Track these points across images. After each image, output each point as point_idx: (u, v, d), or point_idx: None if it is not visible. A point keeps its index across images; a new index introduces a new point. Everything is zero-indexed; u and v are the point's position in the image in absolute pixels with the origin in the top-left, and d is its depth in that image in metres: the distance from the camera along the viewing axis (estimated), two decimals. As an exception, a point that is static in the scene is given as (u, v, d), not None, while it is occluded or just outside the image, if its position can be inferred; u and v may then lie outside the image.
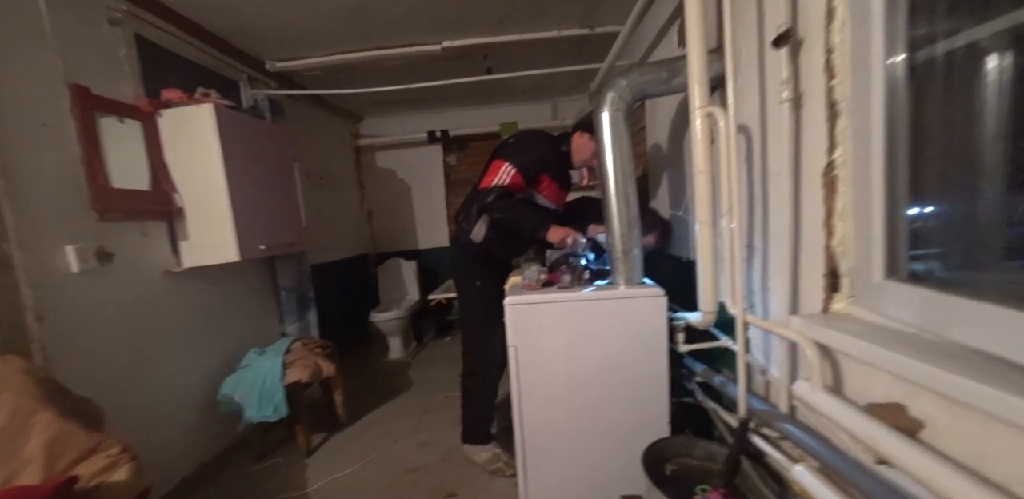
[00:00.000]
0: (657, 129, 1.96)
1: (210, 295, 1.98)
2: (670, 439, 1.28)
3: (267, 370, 1.87)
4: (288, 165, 2.29)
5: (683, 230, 1.68)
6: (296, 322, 2.47)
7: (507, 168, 1.51)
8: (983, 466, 0.60)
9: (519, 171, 1.52)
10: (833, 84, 0.86)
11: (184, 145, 1.74)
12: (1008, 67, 0.59)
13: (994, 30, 0.61)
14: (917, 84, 0.73)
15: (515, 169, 1.51)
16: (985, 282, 0.68)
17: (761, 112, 1.09)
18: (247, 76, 2.36)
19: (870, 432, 0.74)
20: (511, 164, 1.51)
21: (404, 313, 3.21)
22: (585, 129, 1.61)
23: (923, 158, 0.74)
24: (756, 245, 1.17)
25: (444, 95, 3.23)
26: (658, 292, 1.33)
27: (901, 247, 0.78)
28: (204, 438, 1.87)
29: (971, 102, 0.65)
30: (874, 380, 0.79)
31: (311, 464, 1.90)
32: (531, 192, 1.61)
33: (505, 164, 1.52)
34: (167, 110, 1.72)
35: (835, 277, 0.92)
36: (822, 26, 0.86)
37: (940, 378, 0.60)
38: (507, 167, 1.51)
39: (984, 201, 0.68)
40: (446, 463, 1.82)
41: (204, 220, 1.77)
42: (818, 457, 0.89)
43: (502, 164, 1.53)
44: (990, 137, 0.63)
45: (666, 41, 1.77)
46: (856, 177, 0.84)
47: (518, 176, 1.52)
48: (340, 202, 3.42)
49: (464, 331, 1.81)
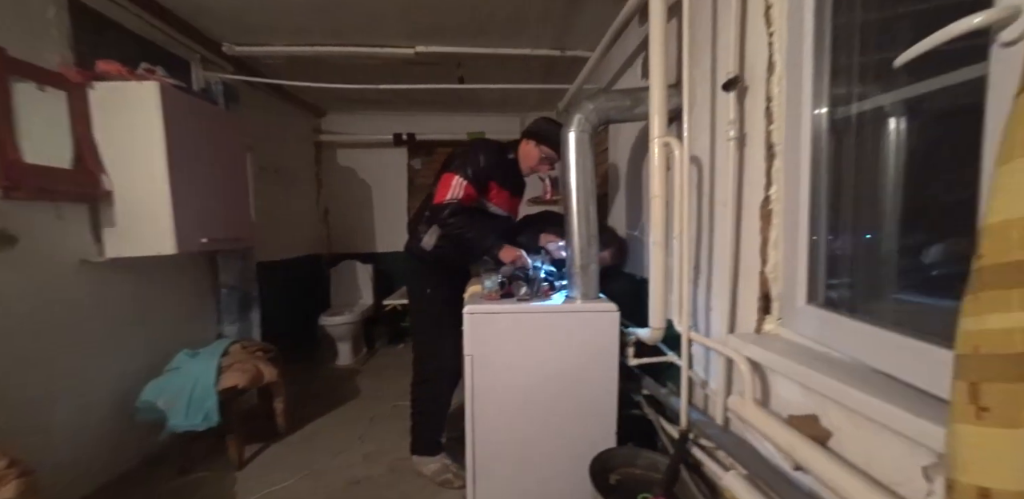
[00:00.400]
0: (618, 153, 2.07)
1: (136, 290, 1.81)
2: (616, 450, 1.33)
3: (199, 374, 1.74)
4: (240, 155, 2.18)
5: (639, 249, 1.78)
6: (236, 323, 2.31)
7: (458, 181, 1.54)
8: (872, 468, 0.69)
9: (469, 182, 1.55)
10: (771, 128, 0.97)
11: (119, 123, 1.59)
12: (903, 130, 0.71)
13: (894, 99, 0.73)
14: (837, 136, 0.85)
15: (466, 181, 1.54)
16: (881, 310, 0.78)
17: (711, 146, 1.20)
18: (200, 57, 2.21)
19: (789, 441, 0.82)
20: (461, 176, 1.54)
21: (356, 318, 3.10)
22: (531, 137, 1.65)
23: (839, 199, 0.85)
24: (702, 267, 1.27)
25: (414, 98, 3.21)
26: (612, 307, 1.39)
27: (820, 276, 0.88)
28: (117, 450, 1.70)
29: (876, 156, 0.77)
30: (794, 394, 0.88)
31: (242, 478, 1.76)
32: (482, 201, 1.64)
33: (456, 177, 1.55)
34: (101, 83, 1.57)
35: (767, 300, 1.02)
36: (764, 77, 0.97)
37: (844, 392, 0.69)
38: (458, 180, 1.54)
39: (883, 240, 0.79)
40: (392, 475, 1.77)
41: (136, 207, 1.62)
42: (746, 465, 0.97)
43: (453, 177, 1.55)
44: (889, 187, 0.75)
45: (631, 71, 1.89)
46: (787, 212, 0.94)
47: (470, 187, 1.55)
48: (295, 198, 3.28)
49: (415, 339, 1.79)
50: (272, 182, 2.92)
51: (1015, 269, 0.37)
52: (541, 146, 1.62)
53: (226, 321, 2.30)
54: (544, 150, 1.63)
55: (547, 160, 1.65)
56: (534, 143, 1.63)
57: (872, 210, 0.81)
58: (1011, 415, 0.37)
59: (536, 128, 1.64)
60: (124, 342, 1.75)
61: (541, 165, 1.66)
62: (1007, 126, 0.38)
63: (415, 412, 1.75)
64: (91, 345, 1.61)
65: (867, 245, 0.84)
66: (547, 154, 1.63)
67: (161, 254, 1.64)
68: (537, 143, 1.62)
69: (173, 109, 1.64)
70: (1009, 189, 0.37)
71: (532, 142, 1.63)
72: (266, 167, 2.83)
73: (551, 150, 1.61)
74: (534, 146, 1.63)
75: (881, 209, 0.78)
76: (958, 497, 0.40)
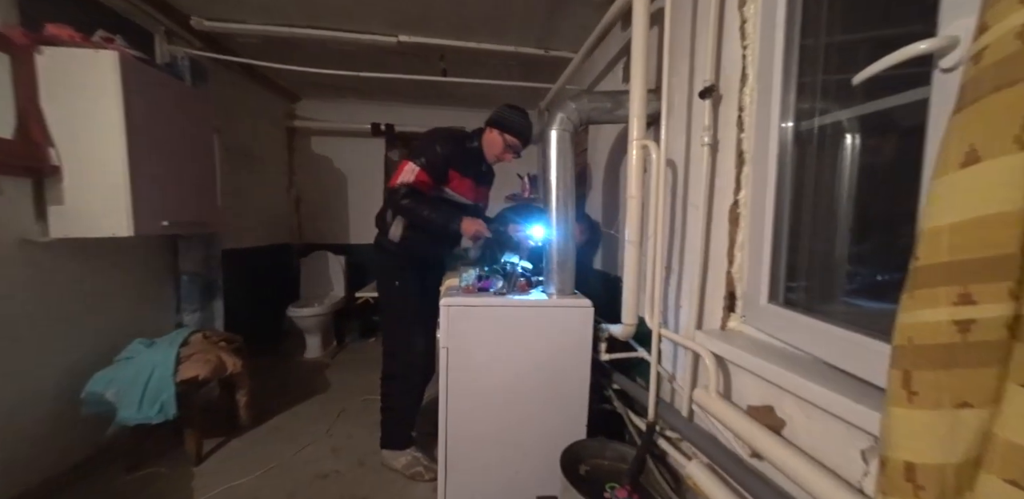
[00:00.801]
0: (598, 153, 2.12)
1: (85, 273, 1.70)
2: (586, 442, 1.37)
3: (155, 363, 1.65)
4: (207, 136, 2.08)
5: (614, 248, 1.83)
6: (197, 312, 2.21)
7: (411, 167, 1.52)
8: (819, 453, 0.76)
9: (423, 169, 1.52)
10: (742, 137, 1.03)
11: (71, 93, 1.49)
12: (858, 145, 0.77)
13: (851, 115, 0.79)
14: (800, 147, 0.91)
15: (419, 167, 1.52)
16: (833, 310, 0.85)
17: (687, 151, 1.25)
18: (165, 29, 2.09)
19: (747, 430, 0.88)
20: (414, 163, 1.52)
21: (326, 310, 3.04)
22: (494, 125, 1.61)
23: (800, 206, 0.92)
24: (674, 266, 1.32)
25: (394, 89, 3.16)
26: (587, 303, 1.43)
27: (781, 277, 0.95)
28: (60, 445, 1.59)
29: (833, 168, 0.83)
30: (753, 386, 0.94)
31: (200, 473, 1.70)
32: (442, 189, 1.62)
33: (410, 163, 1.53)
34: (51, 48, 1.46)
35: (733, 299, 1.08)
36: (737, 88, 1.02)
37: (796, 383, 0.75)
38: (411, 166, 1.52)
39: (837, 246, 0.86)
40: (361, 468, 1.76)
41: (90, 184, 1.51)
42: (708, 454, 1.03)
43: (407, 163, 1.54)
44: (843, 198, 0.81)
45: (612, 75, 1.94)
46: (753, 216, 1.00)
47: (423, 174, 1.52)
48: (265, 184, 3.17)
49: (384, 333, 1.77)
50: (241, 166, 2.81)
51: (943, 270, 0.42)
52: (504, 135, 1.59)
53: (186, 310, 2.20)
54: (507, 138, 1.60)
55: (511, 149, 1.63)
56: (497, 131, 1.60)
57: (828, 218, 0.88)
58: (935, 398, 0.42)
59: (499, 116, 1.61)
60: (70, 330, 1.64)
61: (505, 153, 1.63)
62: (943, 143, 0.43)
63: (384, 407, 1.73)
64: (31, 332, 1.49)
65: (823, 249, 0.90)
66: (510, 142, 1.61)
67: (116, 236, 1.55)
68: (500, 131, 1.60)
69: (134, 82, 1.54)
70: (942, 199, 0.42)
71: (495, 130, 1.60)
72: (234, 150, 2.72)
73: (515, 138, 1.60)
74: (497, 134, 1.60)
75: (837, 217, 0.85)
76: (888, 472, 0.45)
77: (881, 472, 0.47)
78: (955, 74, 0.53)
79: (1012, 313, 0.38)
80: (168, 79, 1.84)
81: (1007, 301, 0.38)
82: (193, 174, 1.96)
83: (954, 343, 0.41)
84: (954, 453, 0.41)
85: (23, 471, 1.47)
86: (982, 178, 0.39)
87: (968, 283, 0.40)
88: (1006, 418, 0.38)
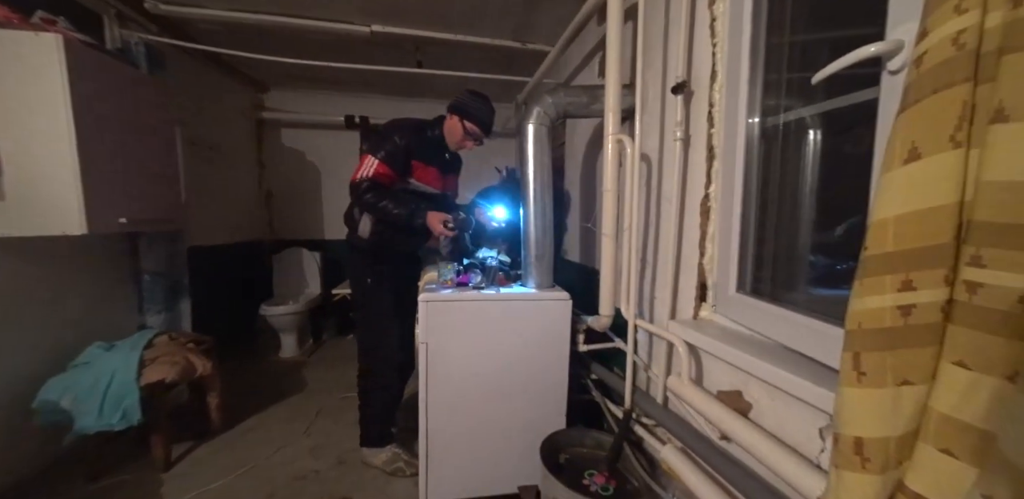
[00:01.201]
0: (575, 147, 2.14)
1: (34, 274, 1.60)
2: (564, 431, 1.41)
3: (115, 368, 1.58)
4: (167, 127, 1.99)
5: (591, 241, 1.86)
6: (162, 312, 2.13)
7: (370, 160, 1.50)
8: (782, 433, 0.80)
9: (382, 161, 1.50)
10: (712, 132, 1.06)
11: (10, 80, 1.38)
12: (819, 141, 0.81)
13: (811, 112, 0.83)
14: (766, 142, 0.95)
15: (377, 160, 1.49)
16: (795, 298, 0.90)
17: (660, 146, 1.28)
18: (116, 12, 1.96)
19: (717, 414, 0.92)
20: (374, 156, 1.50)
21: (301, 307, 2.97)
22: (455, 112, 1.58)
23: (766, 200, 0.96)
24: (648, 259, 1.36)
25: (368, 80, 3.08)
26: (564, 296, 1.46)
27: (748, 267, 0.99)
28: (6, 460, 1.50)
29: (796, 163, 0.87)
30: (723, 372, 0.99)
31: (169, 479, 1.64)
32: (407, 180, 1.59)
33: (369, 157, 1.51)
34: None
35: (704, 289, 1.12)
36: (707, 84, 1.05)
37: (761, 368, 0.79)
38: (370, 160, 1.50)
39: (800, 237, 0.90)
40: (341, 467, 1.74)
41: (34, 179, 1.42)
42: (681, 438, 1.07)
43: (367, 157, 1.52)
44: (806, 191, 0.85)
45: (588, 69, 1.95)
46: (723, 208, 1.04)
47: (383, 166, 1.50)
48: (233, 179, 3.05)
49: (359, 331, 1.75)
50: (205, 160, 2.69)
51: (888, 259, 0.45)
52: (464, 122, 1.56)
53: (150, 311, 2.11)
54: (468, 126, 1.56)
55: (471, 136, 1.59)
56: (458, 118, 1.57)
57: (792, 210, 0.92)
58: (880, 377, 0.45)
59: (460, 103, 1.57)
60: (18, 334, 1.55)
61: (465, 141, 1.60)
62: (889, 140, 0.46)
63: (362, 404, 1.72)
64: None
65: (788, 240, 0.95)
66: (470, 130, 1.57)
67: (68, 234, 1.46)
68: (461, 118, 1.56)
69: (81, 68, 1.45)
70: (888, 192, 0.45)
71: (456, 117, 1.57)
72: (199, 143, 2.61)
73: (475, 126, 1.56)
74: (458, 121, 1.57)
75: (800, 210, 0.89)
76: (840, 447, 0.49)
77: (835, 447, 0.50)
78: (901, 76, 0.56)
79: (947, 298, 0.42)
80: (120, 66, 1.73)
81: (942, 287, 0.42)
82: (153, 168, 1.87)
83: (897, 326, 0.44)
84: (896, 427, 0.44)
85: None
86: (922, 174, 0.43)
87: (910, 270, 0.43)
88: (940, 393, 0.42)
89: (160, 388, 1.65)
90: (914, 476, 0.43)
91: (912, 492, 0.43)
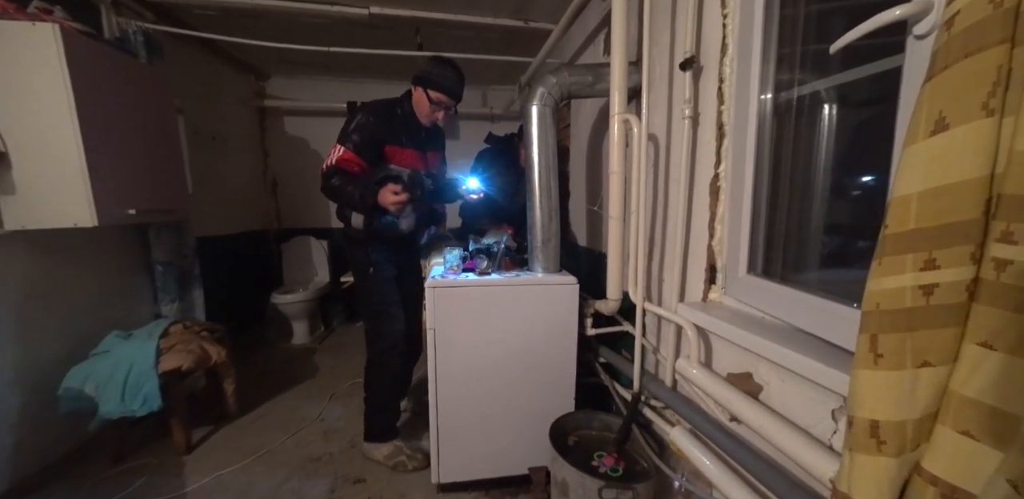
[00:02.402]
0: (580, 129, 2.09)
1: (49, 267, 1.63)
2: (573, 414, 1.42)
3: (134, 356, 1.63)
4: (169, 117, 1.98)
5: (598, 224, 1.84)
6: (175, 302, 2.17)
7: (337, 148, 1.48)
8: (792, 414, 0.80)
9: (349, 149, 1.46)
10: (722, 109, 1.02)
11: (7, 72, 1.37)
12: (835, 116, 0.77)
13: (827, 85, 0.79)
14: (779, 119, 0.91)
15: (343, 148, 1.47)
16: (808, 279, 0.88)
17: (668, 125, 1.24)
18: (111, 0, 1.93)
19: (727, 396, 0.92)
20: (340, 144, 1.48)
21: (311, 295, 3.01)
22: (417, 83, 1.51)
23: (778, 178, 0.93)
24: (656, 241, 1.34)
25: (369, 65, 3.03)
26: (572, 280, 1.45)
27: (759, 248, 0.97)
28: (35, 443, 1.56)
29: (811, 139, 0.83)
30: (733, 355, 0.98)
31: (190, 462, 1.70)
32: (387, 167, 1.54)
33: (336, 145, 1.49)
34: None
35: (713, 271, 1.10)
36: (717, 59, 1.01)
37: (773, 350, 0.78)
38: (337, 148, 1.48)
39: (814, 216, 0.88)
40: (354, 450, 1.78)
41: (43, 172, 1.42)
42: (690, 420, 1.07)
43: (334, 146, 1.49)
44: (820, 168, 0.82)
45: (593, 47, 1.88)
46: (733, 189, 1.01)
47: (349, 153, 1.46)
48: (237, 168, 3.05)
49: (364, 322, 1.73)
50: (208, 149, 2.68)
51: (910, 237, 0.43)
52: (429, 91, 1.48)
53: (164, 300, 2.15)
54: (432, 95, 1.49)
55: (438, 105, 1.51)
56: (421, 89, 1.49)
57: (806, 187, 0.89)
58: (898, 359, 0.44)
59: (423, 72, 1.49)
60: (35, 326, 1.58)
61: (435, 112, 1.53)
62: (914, 111, 0.43)
63: (367, 397, 1.70)
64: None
65: (800, 220, 0.92)
66: (436, 99, 1.49)
67: (79, 226, 1.47)
68: (424, 89, 1.49)
69: (80, 59, 1.43)
70: (911, 167, 0.43)
71: (419, 89, 1.50)
72: (201, 132, 2.59)
73: (440, 94, 1.49)
74: (422, 92, 1.50)
75: (813, 190, 0.86)
76: (855, 430, 0.48)
77: (848, 430, 0.50)
78: (928, 41, 0.52)
79: (972, 276, 0.40)
80: (120, 55, 1.71)
81: (968, 265, 0.40)
82: (158, 158, 1.87)
83: (918, 307, 0.42)
84: (914, 409, 0.43)
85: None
86: (950, 145, 0.40)
87: (933, 249, 0.41)
88: (962, 375, 0.40)
89: (177, 376, 1.70)
90: (932, 458, 0.42)
91: (929, 474, 0.42)
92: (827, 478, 0.66)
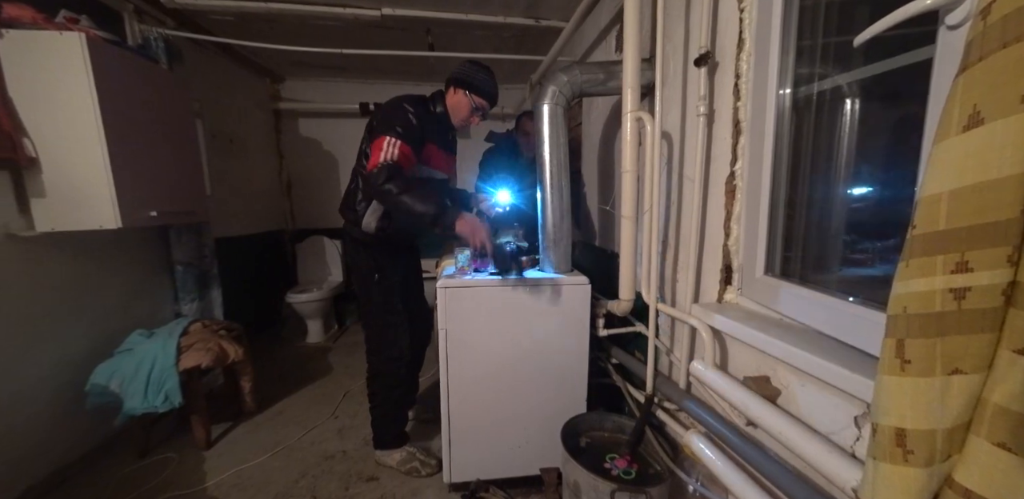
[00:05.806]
0: (592, 127, 2.06)
1: (76, 267, 1.68)
2: (585, 415, 1.41)
3: (156, 354, 1.67)
4: (188, 121, 2.02)
5: (610, 224, 1.82)
6: (195, 301, 2.22)
7: (390, 141, 1.30)
8: (813, 420, 0.77)
9: (405, 142, 1.31)
10: (739, 105, 0.99)
11: (38, 80, 1.41)
12: (857, 111, 0.74)
13: (850, 79, 0.76)
14: (798, 115, 0.88)
15: (399, 140, 1.30)
16: (828, 280, 0.85)
17: (682, 122, 1.22)
18: (133, 7, 1.97)
19: (743, 400, 0.89)
20: (393, 137, 1.30)
21: (326, 294, 3.05)
22: (460, 85, 1.44)
23: (796, 176, 0.90)
24: (669, 241, 1.32)
25: (380, 66, 3.05)
26: (584, 280, 1.43)
27: (777, 248, 0.94)
28: (64, 437, 1.61)
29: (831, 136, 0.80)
30: (750, 357, 0.96)
31: (210, 457, 1.75)
32: (421, 166, 1.45)
33: (387, 138, 1.30)
34: (10, 31, 1.38)
35: (729, 272, 1.07)
36: (733, 54, 0.98)
37: (792, 353, 0.75)
38: (390, 141, 1.30)
39: (834, 215, 0.85)
40: (367, 447, 1.80)
41: (70, 176, 1.47)
42: (704, 423, 1.05)
43: (384, 139, 1.31)
44: (842, 166, 0.79)
45: (604, 45, 1.86)
46: (750, 187, 0.99)
47: (406, 147, 1.32)
48: (253, 170, 3.10)
49: (366, 331, 1.62)
50: (226, 152, 2.74)
51: (940, 237, 0.41)
52: (473, 96, 1.43)
53: (184, 299, 2.20)
54: (476, 100, 1.44)
55: (478, 111, 1.47)
56: (463, 92, 1.44)
57: (826, 186, 0.86)
58: (927, 366, 0.42)
59: (464, 75, 1.43)
60: (63, 324, 1.63)
61: (473, 116, 1.49)
62: (946, 105, 0.41)
63: (373, 407, 1.64)
64: (22, 328, 1.48)
65: (820, 219, 0.89)
66: (479, 104, 1.45)
67: (103, 228, 1.52)
68: (468, 92, 1.43)
69: (105, 66, 1.48)
70: (942, 165, 0.41)
71: (461, 91, 1.44)
72: (219, 135, 2.65)
73: (482, 100, 1.45)
74: (463, 95, 1.44)
75: (833, 190, 0.83)
76: (879, 438, 0.46)
77: (873, 438, 0.48)
78: (961, 31, 0.50)
79: (1009, 280, 0.38)
80: (142, 62, 1.76)
81: (1004, 267, 0.38)
82: (178, 161, 1.91)
83: (949, 311, 0.40)
84: (944, 419, 0.41)
85: (29, 463, 1.49)
86: (985, 141, 0.38)
87: (965, 250, 0.39)
88: (997, 383, 0.38)
89: (196, 373, 1.74)
90: (965, 471, 0.40)
91: (962, 488, 0.40)
92: (849, 487, 0.63)
